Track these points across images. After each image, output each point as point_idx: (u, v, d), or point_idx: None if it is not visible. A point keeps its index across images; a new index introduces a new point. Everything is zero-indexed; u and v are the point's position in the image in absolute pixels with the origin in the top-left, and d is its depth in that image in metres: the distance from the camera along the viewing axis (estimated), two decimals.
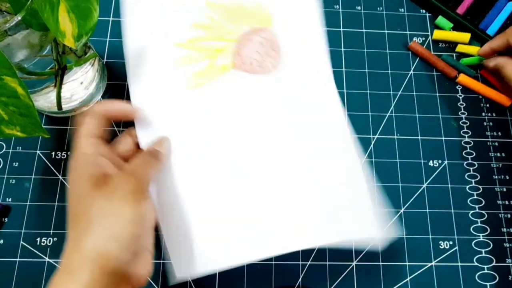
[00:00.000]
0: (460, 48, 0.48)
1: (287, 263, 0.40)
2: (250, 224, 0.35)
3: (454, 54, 0.48)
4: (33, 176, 0.41)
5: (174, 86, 0.39)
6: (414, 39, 0.49)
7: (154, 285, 0.38)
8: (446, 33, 0.49)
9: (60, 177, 0.41)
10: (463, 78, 0.47)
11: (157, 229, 0.39)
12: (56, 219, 0.40)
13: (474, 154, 0.45)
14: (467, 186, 0.44)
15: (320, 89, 0.41)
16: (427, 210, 0.42)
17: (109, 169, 0.31)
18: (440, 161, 0.44)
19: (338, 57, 0.48)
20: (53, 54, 0.34)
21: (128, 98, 0.44)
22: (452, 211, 0.42)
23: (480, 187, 0.44)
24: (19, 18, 0.28)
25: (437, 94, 0.47)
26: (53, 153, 0.42)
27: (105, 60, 0.46)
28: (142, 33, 0.40)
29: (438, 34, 0.49)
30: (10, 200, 0.40)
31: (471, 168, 0.44)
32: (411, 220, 0.42)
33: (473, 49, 0.48)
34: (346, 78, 0.47)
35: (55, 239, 0.39)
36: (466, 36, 0.48)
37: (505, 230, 0.42)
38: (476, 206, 0.43)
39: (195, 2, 0.42)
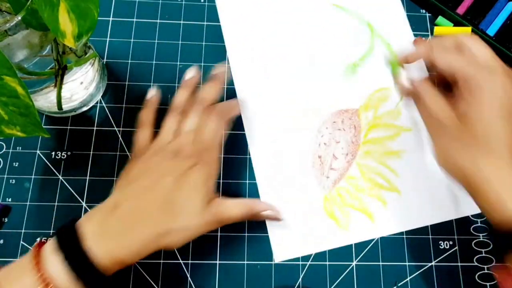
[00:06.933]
0: None
1: (287, 263, 0.40)
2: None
3: None
4: (33, 176, 0.41)
5: None
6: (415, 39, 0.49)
7: (154, 285, 0.38)
8: (447, 29, 0.49)
9: (60, 177, 0.41)
10: None
11: None
12: (56, 219, 0.40)
13: None
14: None
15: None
16: None
17: None
18: None
19: None
20: (53, 54, 0.34)
21: (127, 98, 0.44)
22: None
23: None
24: (19, 18, 0.28)
25: None
26: (53, 153, 0.42)
27: (105, 60, 0.46)
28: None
29: (439, 30, 0.49)
30: (10, 200, 0.40)
31: None
32: None
33: None
34: None
35: None
36: (467, 30, 0.48)
37: None
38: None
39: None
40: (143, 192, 0.33)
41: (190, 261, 0.39)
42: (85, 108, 0.43)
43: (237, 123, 0.43)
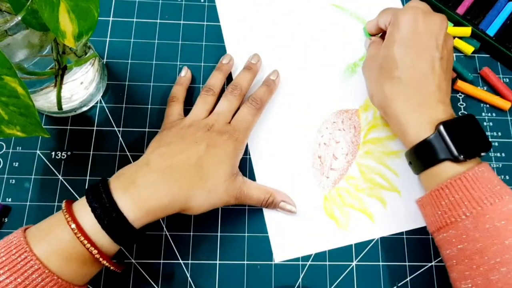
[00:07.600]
0: (455, 42, 0.48)
1: (287, 263, 0.40)
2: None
3: (454, 55, 0.49)
4: (33, 176, 0.41)
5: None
6: None
7: (154, 285, 0.38)
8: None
9: (60, 177, 0.41)
10: (461, 85, 0.46)
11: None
12: None
13: None
14: None
15: None
16: None
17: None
18: None
19: None
20: (53, 54, 0.34)
21: (127, 98, 0.44)
22: None
23: None
24: (19, 18, 0.28)
25: None
26: (53, 153, 0.42)
27: (105, 60, 0.46)
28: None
29: None
30: (10, 200, 0.40)
31: None
32: None
33: (469, 48, 0.48)
34: None
35: None
36: (467, 30, 0.48)
37: None
38: None
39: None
40: (176, 154, 0.35)
41: (190, 261, 0.39)
42: (85, 108, 0.43)
43: None
